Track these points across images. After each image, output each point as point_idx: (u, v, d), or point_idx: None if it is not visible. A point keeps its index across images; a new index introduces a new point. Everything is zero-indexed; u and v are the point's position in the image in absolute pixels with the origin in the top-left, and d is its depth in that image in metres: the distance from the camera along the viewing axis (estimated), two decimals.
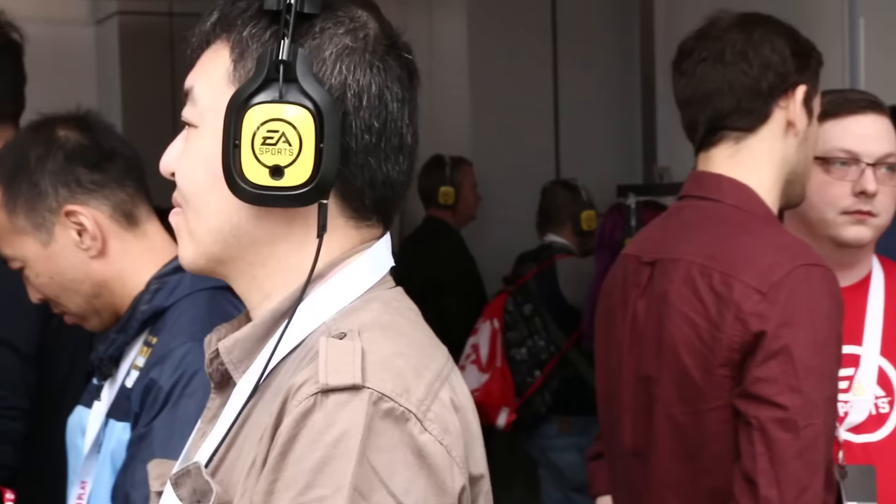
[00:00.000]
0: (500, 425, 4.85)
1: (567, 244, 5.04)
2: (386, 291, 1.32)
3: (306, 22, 1.26)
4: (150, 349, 1.95)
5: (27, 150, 2.04)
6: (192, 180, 1.29)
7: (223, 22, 1.30)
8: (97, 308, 2.04)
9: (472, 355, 4.93)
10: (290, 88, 1.23)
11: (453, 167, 5.55)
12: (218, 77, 1.29)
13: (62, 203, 2.01)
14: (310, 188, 1.22)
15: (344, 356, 1.18)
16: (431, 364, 1.25)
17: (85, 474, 2.01)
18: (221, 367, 1.32)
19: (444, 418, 1.21)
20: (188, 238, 1.32)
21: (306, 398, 1.16)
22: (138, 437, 1.90)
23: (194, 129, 1.30)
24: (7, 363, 2.36)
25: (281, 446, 1.16)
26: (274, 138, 1.22)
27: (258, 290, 1.31)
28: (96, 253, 2.02)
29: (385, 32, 1.31)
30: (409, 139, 1.32)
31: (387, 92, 1.28)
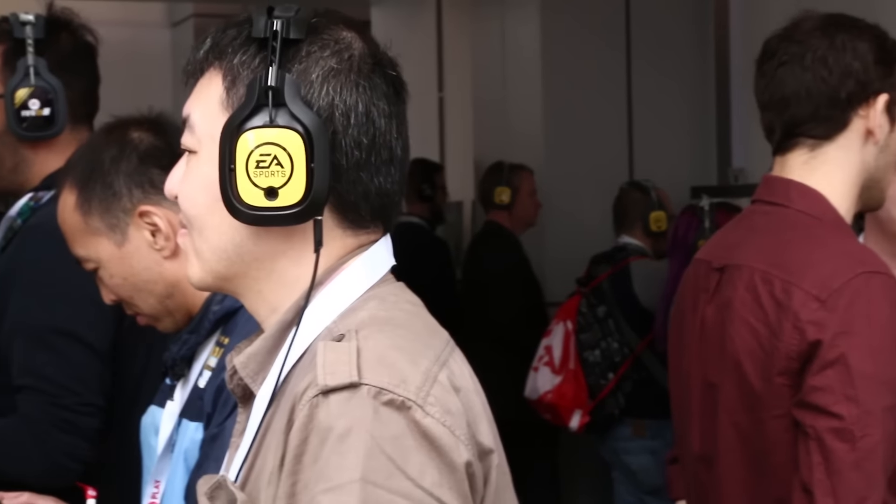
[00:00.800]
0: (572, 427, 4.84)
1: (641, 246, 5.01)
2: (383, 288, 1.37)
3: (293, 47, 1.32)
4: (222, 349, 1.97)
5: (101, 151, 2.06)
6: (194, 203, 1.37)
7: (215, 50, 1.36)
8: (170, 309, 2.06)
9: (545, 357, 4.93)
10: (280, 112, 1.29)
11: (511, 171, 5.63)
12: (212, 104, 1.35)
13: (136, 204, 2.03)
14: (303, 207, 1.29)
15: (340, 357, 1.25)
16: (428, 351, 1.30)
17: (158, 473, 2.03)
18: (241, 382, 1.39)
19: (445, 400, 1.26)
20: (195, 258, 1.39)
21: (309, 401, 1.23)
22: (211, 437, 1.91)
23: (193, 154, 1.37)
24: (83, 360, 2.38)
25: (294, 450, 1.23)
26: (267, 161, 1.28)
27: (264, 303, 1.37)
28: (169, 253, 2.03)
29: (370, 51, 1.36)
30: (399, 151, 1.37)
31: (373, 109, 1.34)
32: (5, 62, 2.52)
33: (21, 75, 2.48)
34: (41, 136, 2.50)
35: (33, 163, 2.55)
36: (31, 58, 2.48)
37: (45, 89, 2.47)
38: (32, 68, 2.48)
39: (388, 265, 1.39)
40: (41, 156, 2.54)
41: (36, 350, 2.38)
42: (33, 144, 2.52)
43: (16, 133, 2.49)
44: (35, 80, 2.47)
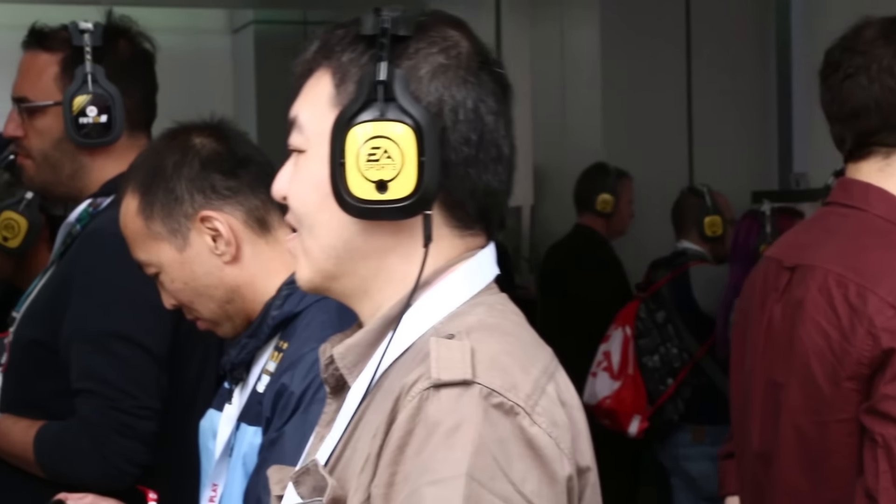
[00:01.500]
0: (631, 433, 4.81)
1: (701, 251, 4.98)
2: (491, 296, 1.38)
3: (401, 44, 1.33)
4: (281, 354, 1.98)
5: (164, 157, 2.08)
6: (304, 202, 1.37)
7: (323, 50, 1.37)
8: (230, 313, 2.07)
9: (603, 362, 4.91)
10: (390, 107, 1.30)
11: (616, 177, 5.49)
12: (321, 103, 1.36)
13: (198, 209, 2.04)
14: (413, 200, 1.29)
15: (454, 353, 1.25)
16: (537, 361, 1.31)
17: (216, 477, 2.04)
18: (336, 373, 1.39)
19: (552, 412, 1.26)
20: (304, 258, 1.39)
21: (419, 393, 1.23)
22: (270, 442, 1.92)
23: (302, 154, 1.38)
24: (140, 364, 2.40)
25: (398, 440, 1.22)
26: (377, 154, 1.29)
27: (370, 301, 1.38)
28: (230, 258, 2.05)
29: (477, 49, 1.37)
30: (507, 150, 1.37)
31: (482, 105, 1.35)
32: (64, 70, 2.55)
33: (79, 83, 2.50)
34: (98, 143, 2.53)
35: (91, 169, 2.57)
36: (88, 65, 2.51)
37: (103, 97, 2.50)
38: (90, 76, 2.50)
39: (494, 273, 1.39)
40: (99, 162, 2.56)
41: (94, 354, 2.40)
42: (91, 151, 2.55)
43: (74, 140, 2.52)
44: (93, 87, 2.50)
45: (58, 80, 2.55)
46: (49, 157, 2.58)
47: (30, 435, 2.44)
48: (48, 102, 2.55)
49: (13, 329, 2.60)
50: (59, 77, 2.55)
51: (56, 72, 2.55)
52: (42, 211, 3.18)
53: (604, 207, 5.44)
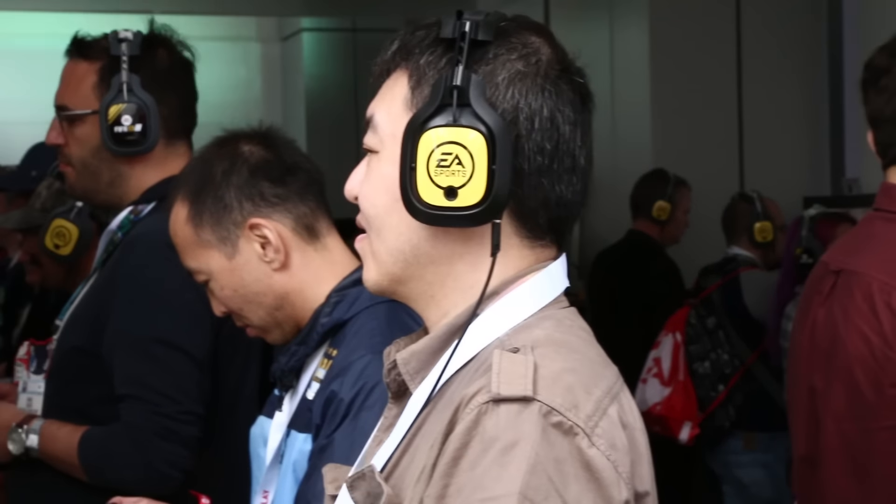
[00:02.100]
0: (682, 439, 4.79)
1: (751, 257, 4.96)
2: (560, 310, 1.35)
3: (480, 49, 1.31)
4: (331, 361, 1.98)
5: (213, 165, 2.08)
6: (374, 203, 1.36)
7: (403, 51, 1.36)
8: (279, 320, 2.07)
9: (653, 368, 4.89)
10: (464, 112, 1.27)
11: (675, 185, 5.45)
12: (397, 104, 1.35)
13: (246, 216, 2.05)
14: (483, 208, 1.27)
15: (517, 368, 1.22)
16: (601, 381, 1.28)
17: (267, 484, 2.04)
18: (399, 378, 1.37)
19: (612, 434, 1.23)
20: (372, 261, 1.38)
21: (478, 406, 1.21)
22: (319, 449, 1.92)
23: (375, 154, 1.37)
24: (182, 369, 2.42)
25: (453, 452, 1.21)
26: (448, 160, 1.27)
27: (436, 308, 1.36)
28: (279, 265, 2.05)
29: (558, 57, 1.35)
30: (583, 160, 1.36)
31: (559, 115, 1.32)
32: (101, 79, 2.57)
33: (115, 92, 2.52)
34: (133, 152, 2.54)
35: (130, 177, 2.59)
36: (124, 74, 2.52)
37: (138, 106, 2.52)
38: (125, 85, 2.52)
39: (563, 286, 1.37)
40: (138, 170, 2.58)
41: (137, 359, 2.42)
42: (129, 159, 2.57)
43: (109, 148, 2.54)
44: (128, 96, 2.52)
45: (96, 88, 2.57)
46: (88, 165, 2.60)
47: (74, 439, 2.46)
48: (86, 111, 2.57)
49: (56, 336, 2.62)
50: (96, 86, 2.57)
51: (94, 81, 2.57)
52: (93, 219, 3.21)
53: (660, 214, 5.41)
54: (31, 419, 2.55)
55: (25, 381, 2.66)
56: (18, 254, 4.49)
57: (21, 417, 2.56)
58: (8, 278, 4.70)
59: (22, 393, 2.66)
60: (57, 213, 3.23)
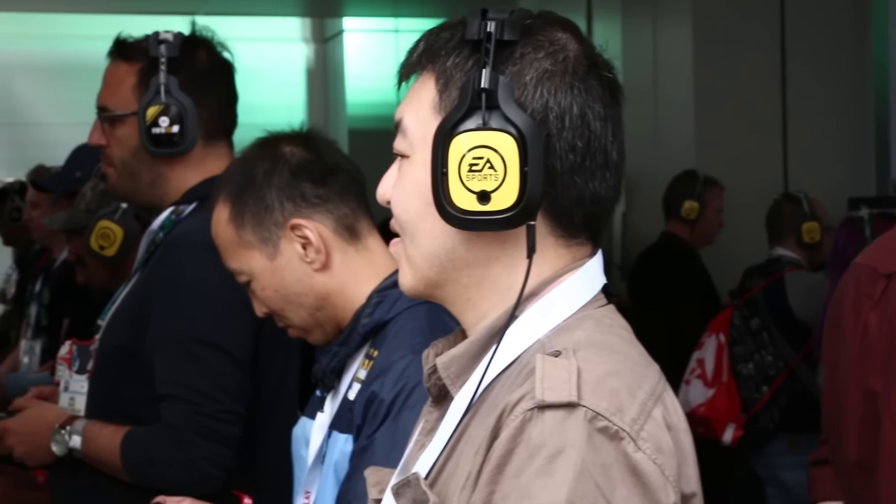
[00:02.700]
0: (725, 441, 4.77)
1: (796, 258, 4.92)
2: (599, 309, 1.34)
3: (507, 48, 1.30)
4: (372, 362, 1.98)
5: (254, 166, 2.09)
6: (406, 209, 1.35)
7: (428, 53, 1.35)
8: (320, 321, 2.07)
9: (697, 370, 4.87)
10: (493, 115, 1.26)
11: (704, 184, 5.45)
12: (425, 108, 1.34)
13: (288, 217, 2.05)
14: (516, 211, 1.26)
15: (560, 373, 1.21)
16: (644, 383, 1.26)
17: (309, 484, 2.05)
18: (439, 382, 1.36)
19: (657, 437, 1.22)
20: (407, 265, 1.37)
21: (523, 413, 1.20)
22: (360, 449, 1.92)
23: (406, 159, 1.36)
24: (224, 369, 2.42)
25: (497, 459, 1.20)
26: (479, 164, 1.26)
27: (473, 310, 1.35)
28: (320, 266, 2.05)
29: (585, 52, 1.33)
30: (615, 155, 1.34)
31: (589, 111, 1.31)
32: (141, 80, 2.58)
33: (153, 93, 2.54)
34: (171, 153, 2.55)
35: (170, 178, 2.60)
36: (162, 76, 2.53)
37: (175, 107, 2.53)
38: (163, 86, 2.53)
39: (601, 284, 1.36)
40: (177, 171, 2.59)
41: (178, 359, 2.43)
42: (169, 160, 2.58)
43: (147, 149, 2.55)
44: (165, 98, 2.53)
45: (135, 90, 2.58)
46: (128, 166, 2.61)
47: (116, 440, 2.47)
48: (126, 112, 2.59)
49: (99, 336, 2.64)
50: (136, 87, 2.58)
51: (134, 82, 2.59)
52: (137, 219, 3.22)
53: (688, 214, 5.42)
54: (74, 420, 2.57)
55: (67, 381, 2.68)
56: (64, 254, 4.52)
57: (64, 418, 2.58)
58: (53, 279, 4.74)
59: (64, 392, 2.68)
60: (102, 214, 3.25)
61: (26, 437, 2.62)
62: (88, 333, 2.76)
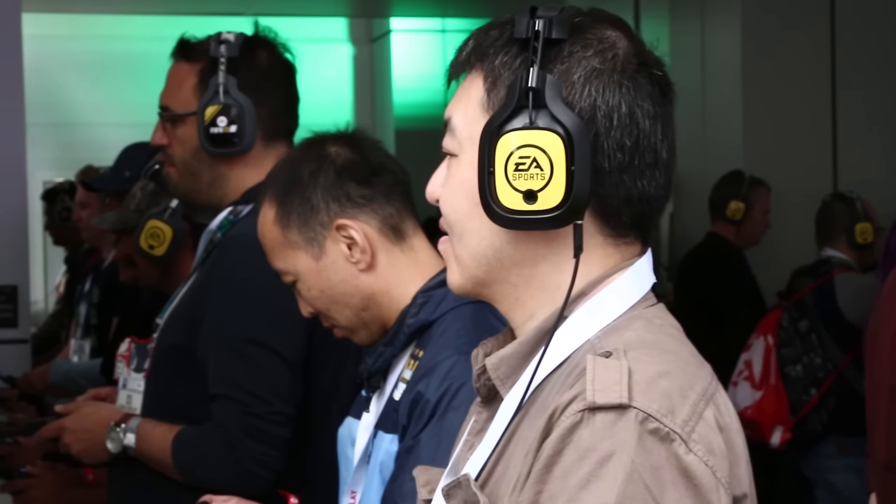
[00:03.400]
0: (773, 444, 4.74)
1: (845, 259, 4.89)
2: (648, 309, 1.33)
3: (555, 47, 1.29)
4: (417, 362, 1.98)
5: (300, 166, 2.10)
6: (455, 208, 1.35)
7: (477, 52, 1.35)
8: (366, 321, 2.08)
9: (744, 371, 4.85)
10: (541, 114, 1.26)
11: (750, 185, 5.44)
12: (473, 106, 1.34)
13: (333, 217, 2.06)
14: (563, 210, 1.26)
15: (611, 375, 1.21)
16: (696, 383, 1.25)
17: (355, 484, 2.05)
18: (489, 383, 1.36)
19: (709, 439, 1.21)
20: (455, 264, 1.37)
21: (573, 414, 1.19)
22: (406, 449, 1.93)
23: (454, 158, 1.36)
24: (275, 370, 2.43)
25: (546, 459, 1.19)
26: (526, 164, 1.26)
27: (521, 309, 1.35)
28: (365, 266, 2.06)
29: (635, 50, 1.33)
30: (665, 154, 1.33)
31: (637, 110, 1.30)
32: (201, 80, 2.59)
33: (211, 93, 2.55)
34: (229, 153, 2.56)
35: (229, 178, 2.61)
36: (221, 76, 2.54)
37: (234, 107, 2.54)
38: (222, 86, 2.54)
39: (650, 283, 1.35)
40: (236, 171, 2.60)
41: (229, 359, 2.44)
42: (228, 160, 2.59)
43: (205, 149, 2.56)
44: (224, 98, 2.54)
45: (196, 90, 2.59)
46: (189, 166, 2.63)
47: (168, 438, 2.49)
48: (186, 112, 2.60)
49: (156, 335, 2.66)
50: (196, 87, 2.60)
51: (195, 82, 2.60)
52: (186, 219, 3.24)
53: (734, 215, 5.41)
54: (129, 418, 2.59)
55: (126, 378, 2.70)
56: (113, 254, 4.56)
57: (119, 416, 2.60)
58: (102, 278, 4.78)
59: (122, 389, 2.70)
60: (151, 214, 3.27)
61: (82, 434, 2.65)
62: (140, 332, 2.79)
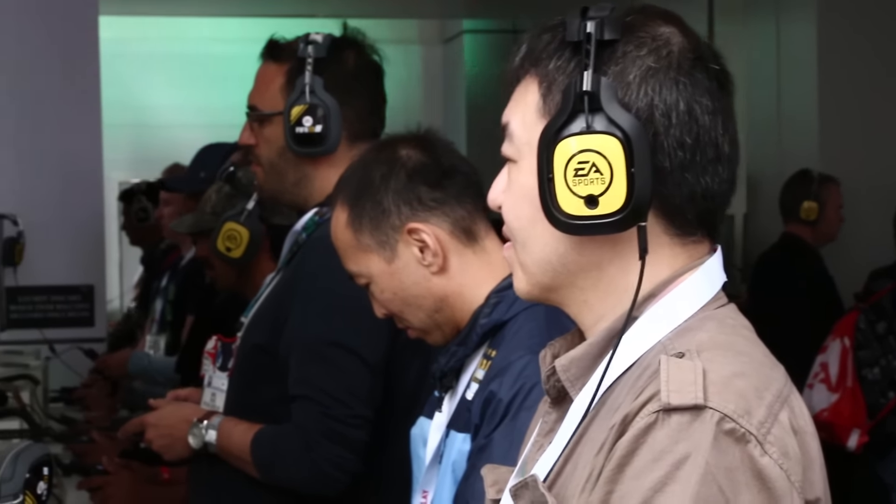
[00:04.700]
0: (850, 447, 4.69)
1: None
2: (720, 309, 1.32)
3: (608, 48, 1.28)
4: (490, 362, 1.98)
5: (371, 169, 2.11)
6: (517, 215, 1.35)
7: (530, 57, 1.34)
8: (439, 322, 2.08)
9: (820, 374, 4.80)
10: (597, 117, 1.25)
11: (820, 183, 5.39)
12: (529, 112, 1.33)
13: (404, 221, 2.06)
14: (625, 214, 1.24)
15: (685, 375, 1.20)
16: (771, 385, 1.24)
17: (426, 484, 2.06)
18: (558, 384, 1.35)
19: (784, 441, 1.20)
20: (520, 270, 1.37)
21: (648, 415, 1.18)
22: (478, 449, 1.93)
23: (514, 163, 1.35)
24: (355, 373, 2.44)
25: (619, 459, 1.19)
26: (585, 169, 1.24)
27: (590, 312, 1.34)
28: (437, 269, 2.06)
29: (691, 45, 1.31)
30: (727, 148, 1.31)
31: (696, 106, 1.29)
32: (288, 81, 2.61)
33: (297, 93, 2.56)
34: (314, 152, 2.57)
35: (314, 178, 2.62)
36: (307, 76, 2.56)
37: (319, 107, 2.55)
38: (308, 86, 2.56)
39: (721, 282, 1.34)
40: (322, 171, 2.61)
41: (311, 361, 2.45)
42: (314, 160, 2.60)
43: (291, 148, 2.58)
44: (310, 98, 2.55)
45: (283, 90, 2.61)
46: (275, 166, 2.64)
47: (248, 437, 2.51)
48: (273, 112, 2.62)
49: (241, 334, 2.68)
50: (283, 87, 2.61)
51: (282, 82, 2.62)
52: (262, 221, 3.27)
53: (808, 215, 5.37)
54: (211, 415, 2.61)
55: (211, 376, 2.73)
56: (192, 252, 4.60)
57: (202, 414, 2.63)
58: (180, 275, 4.83)
59: (207, 387, 2.73)
60: (228, 217, 3.30)
61: (165, 430, 2.68)
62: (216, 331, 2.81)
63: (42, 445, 1.96)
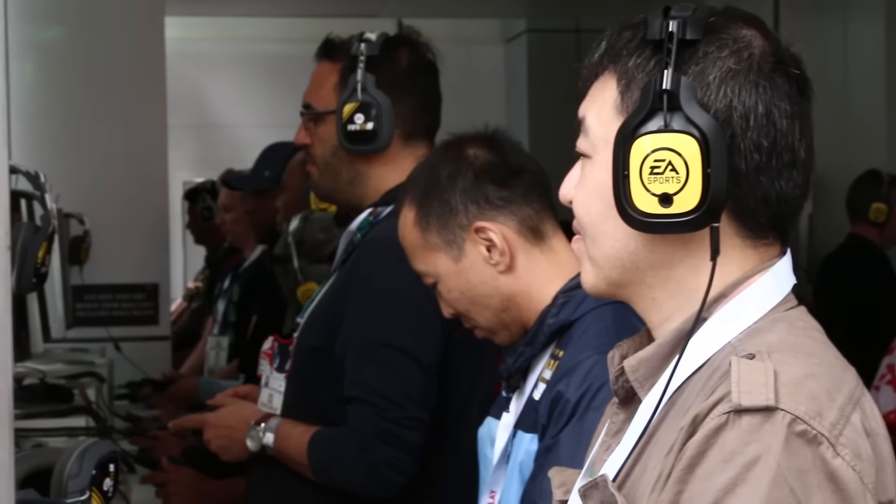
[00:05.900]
0: None
1: None
2: (790, 311, 1.32)
3: (689, 48, 1.28)
4: (557, 362, 1.98)
5: (438, 168, 2.11)
6: (588, 210, 1.35)
7: (610, 53, 1.34)
8: (506, 322, 2.08)
9: (887, 375, 4.75)
10: (675, 116, 1.25)
11: (890, 184, 5.34)
12: (607, 108, 1.33)
13: (472, 220, 2.06)
14: (699, 214, 1.25)
15: (756, 376, 1.19)
16: (843, 386, 1.24)
17: (494, 484, 2.06)
18: (626, 385, 1.36)
19: (856, 443, 1.20)
20: (589, 264, 1.37)
21: (719, 416, 1.18)
22: (546, 449, 1.93)
23: (588, 159, 1.36)
24: (410, 375, 2.43)
25: (689, 459, 1.19)
26: (661, 167, 1.25)
27: (658, 311, 1.34)
28: (504, 268, 2.06)
29: (772, 49, 1.31)
30: (803, 153, 1.31)
31: (774, 109, 1.29)
32: (341, 79, 2.61)
33: (350, 91, 2.56)
34: (365, 150, 2.57)
35: (368, 177, 2.62)
36: (359, 74, 2.56)
37: (371, 105, 2.55)
38: (360, 84, 2.56)
39: (791, 284, 1.34)
40: (375, 170, 2.61)
41: (365, 363, 2.45)
42: (367, 159, 2.60)
43: (343, 146, 2.58)
44: (362, 95, 2.55)
45: (336, 88, 2.61)
46: (329, 164, 2.65)
47: (304, 439, 2.51)
48: (327, 110, 2.63)
49: (297, 335, 2.68)
50: (337, 86, 2.62)
51: (335, 81, 2.62)
52: None
53: (877, 217, 5.32)
54: (269, 417, 2.61)
55: (268, 376, 2.73)
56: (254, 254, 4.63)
57: (260, 415, 2.63)
58: (244, 276, 4.86)
59: (264, 388, 2.73)
60: None
61: (223, 430, 2.69)
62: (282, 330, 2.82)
63: (108, 442, 1.98)
